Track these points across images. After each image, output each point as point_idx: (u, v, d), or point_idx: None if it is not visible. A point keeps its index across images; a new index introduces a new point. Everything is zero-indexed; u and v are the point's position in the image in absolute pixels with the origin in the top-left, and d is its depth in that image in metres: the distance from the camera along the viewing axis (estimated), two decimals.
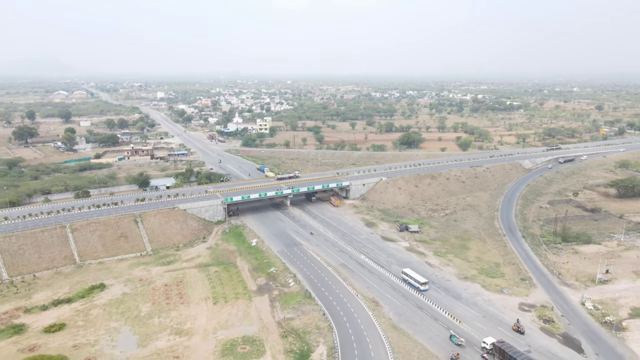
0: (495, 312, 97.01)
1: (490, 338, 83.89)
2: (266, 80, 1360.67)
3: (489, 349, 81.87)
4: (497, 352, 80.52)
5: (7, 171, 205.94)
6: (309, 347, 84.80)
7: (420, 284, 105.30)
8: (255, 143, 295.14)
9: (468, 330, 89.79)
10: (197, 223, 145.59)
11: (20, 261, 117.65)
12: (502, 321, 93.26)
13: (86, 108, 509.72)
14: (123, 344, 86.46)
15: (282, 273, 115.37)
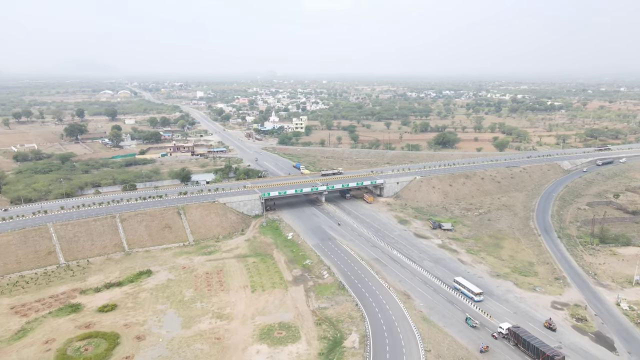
0: (527, 309, 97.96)
1: (506, 323, 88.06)
2: (302, 80, 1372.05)
3: (504, 334, 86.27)
4: (512, 336, 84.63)
5: (60, 165, 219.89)
6: (342, 334, 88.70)
7: (475, 294, 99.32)
8: (291, 141, 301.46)
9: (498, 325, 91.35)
10: (236, 216, 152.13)
11: (75, 247, 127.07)
12: (533, 318, 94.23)
13: (130, 107, 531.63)
14: (169, 324, 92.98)
15: (316, 265, 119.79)
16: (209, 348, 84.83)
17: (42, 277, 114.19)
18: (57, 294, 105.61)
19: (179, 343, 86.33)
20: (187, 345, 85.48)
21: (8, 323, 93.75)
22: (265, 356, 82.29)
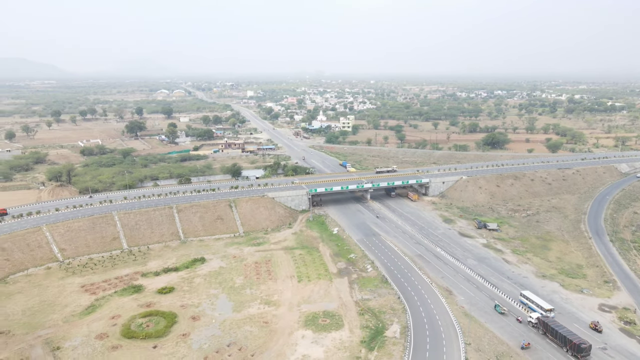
0: (572, 309, 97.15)
1: (536, 313, 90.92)
2: (350, 80, 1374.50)
3: (534, 323, 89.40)
4: (541, 325, 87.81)
5: (122, 159, 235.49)
6: (384, 325, 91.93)
7: (545, 310, 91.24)
8: (338, 140, 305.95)
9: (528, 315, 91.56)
10: (283, 210, 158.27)
11: (137, 234, 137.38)
12: (578, 319, 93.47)
13: (185, 105, 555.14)
14: (221, 307, 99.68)
15: (360, 259, 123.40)
16: (258, 330, 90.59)
17: (108, 260, 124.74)
18: (121, 276, 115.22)
19: (230, 324, 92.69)
20: (237, 327, 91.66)
21: (79, 299, 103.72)
22: (310, 341, 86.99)
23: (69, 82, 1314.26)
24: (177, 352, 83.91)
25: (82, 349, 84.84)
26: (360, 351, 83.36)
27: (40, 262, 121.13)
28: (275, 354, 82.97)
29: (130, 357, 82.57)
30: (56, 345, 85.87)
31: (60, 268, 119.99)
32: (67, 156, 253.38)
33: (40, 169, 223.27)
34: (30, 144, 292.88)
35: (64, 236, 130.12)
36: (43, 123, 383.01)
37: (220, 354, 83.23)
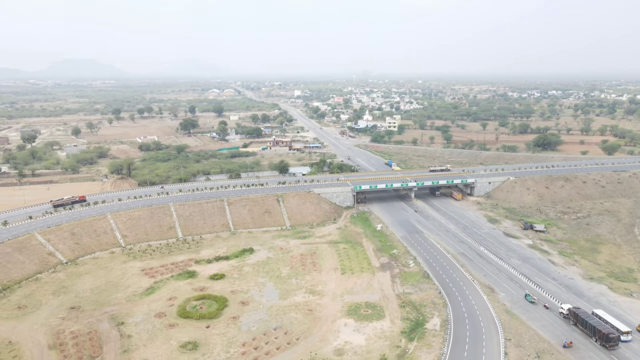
0: (620, 312, 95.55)
1: (567, 305, 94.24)
2: (397, 80, 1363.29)
3: (565, 314, 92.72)
4: (572, 316, 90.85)
5: (176, 155, 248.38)
6: (424, 317, 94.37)
7: (622, 333, 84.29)
8: (383, 139, 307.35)
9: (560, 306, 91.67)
10: (329, 206, 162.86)
11: (190, 224, 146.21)
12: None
13: (234, 104, 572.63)
14: (268, 295, 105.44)
15: (403, 255, 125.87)
16: (303, 317, 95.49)
17: (165, 247, 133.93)
18: (177, 262, 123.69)
19: (276, 310, 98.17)
20: (283, 313, 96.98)
21: (140, 282, 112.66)
22: (352, 329, 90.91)
23: (127, 82, 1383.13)
24: (227, 332, 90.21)
25: (143, 325, 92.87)
26: (401, 341, 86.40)
27: (105, 247, 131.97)
28: (318, 339, 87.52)
29: (186, 334, 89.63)
30: (120, 321, 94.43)
31: (122, 253, 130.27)
32: (126, 151, 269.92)
33: (103, 162, 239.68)
34: (93, 139, 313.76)
35: (126, 224, 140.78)
36: (105, 120, 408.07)
37: (267, 336, 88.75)
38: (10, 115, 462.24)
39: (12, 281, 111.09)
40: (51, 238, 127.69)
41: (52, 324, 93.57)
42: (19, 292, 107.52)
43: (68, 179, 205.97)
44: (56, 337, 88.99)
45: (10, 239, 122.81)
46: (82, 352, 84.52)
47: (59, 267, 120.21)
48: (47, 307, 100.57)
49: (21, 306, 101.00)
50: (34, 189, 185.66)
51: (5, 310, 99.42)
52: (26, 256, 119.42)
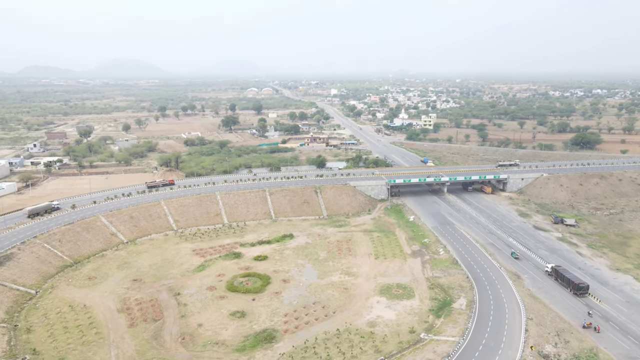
0: None
1: (551, 264, 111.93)
2: (434, 79, 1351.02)
3: (549, 272, 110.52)
4: (554, 272, 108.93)
5: (219, 150, 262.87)
6: (452, 298, 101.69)
7: None
8: (418, 137, 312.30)
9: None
10: (364, 198, 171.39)
11: (235, 212, 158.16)
12: None
13: (273, 102, 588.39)
14: (307, 275, 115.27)
15: (434, 244, 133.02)
16: (339, 294, 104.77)
17: (213, 232, 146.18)
18: (223, 245, 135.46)
19: (315, 288, 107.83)
20: (321, 290, 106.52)
21: (192, 260, 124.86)
22: (384, 305, 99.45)
23: (169, 81, 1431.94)
24: (271, 304, 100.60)
25: (196, 296, 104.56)
26: (428, 317, 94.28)
27: (159, 230, 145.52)
28: (353, 313, 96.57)
29: (235, 305, 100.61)
30: (177, 292, 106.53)
31: (175, 235, 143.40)
32: (173, 146, 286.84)
33: (152, 156, 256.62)
34: (142, 135, 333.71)
35: (177, 210, 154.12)
36: (151, 117, 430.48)
37: (306, 309, 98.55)
38: (65, 112, 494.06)
39: (82, 256, 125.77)
40: (113, 220, 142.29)
41: (119, 292, 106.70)
42: (88, 265, 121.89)
43: (122, 170, 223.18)
44: (123, 303, 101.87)
45: (79, 220, 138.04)
46: (146, 315, 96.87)
47: (121, 246, 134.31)
48: (113, 279, 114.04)
49: (91, 277, 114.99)
50: (93, 178, 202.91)
51: (78, 280, 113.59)
52: (93, 235, 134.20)
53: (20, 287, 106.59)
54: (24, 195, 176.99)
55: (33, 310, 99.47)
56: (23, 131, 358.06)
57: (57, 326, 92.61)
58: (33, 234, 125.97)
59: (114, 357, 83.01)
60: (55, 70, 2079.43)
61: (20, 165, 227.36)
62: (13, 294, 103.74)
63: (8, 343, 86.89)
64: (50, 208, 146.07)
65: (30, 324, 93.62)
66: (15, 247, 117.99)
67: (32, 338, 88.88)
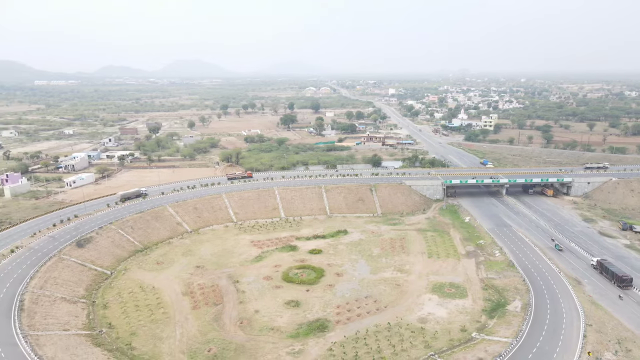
0: None
1: (596, 258, 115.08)
2: (497, 78, 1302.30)
3: (594, 265, 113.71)
4: (599, 266, 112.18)
5: (277, 147, 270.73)
6: (506, 300, 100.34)
7: None
8: (478, 138, 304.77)
9: None
10: (419, 198, 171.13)
11: (291, 207, 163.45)
12: None
13: (330, 101, 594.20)
14: (360, 270, 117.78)
15: (489, 245, 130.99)
16: (390, 290, 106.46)
17: (270, 225, 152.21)
18: (280, 237, 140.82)
19: (367, 283, 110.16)
20: (373, 285, 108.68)
21: (250, 251, 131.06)
22: (435, 303, 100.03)
23: (231, 80, 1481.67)
24: (324, 296, 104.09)
25: (254, 285, 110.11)
26: (481, 317, 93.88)
27: (220, 221, 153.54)
28: (404, 309, 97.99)
29: (290, 294, 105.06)
30: (236, 279, 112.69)
31: (235, 227, 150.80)
32: (233, 142, 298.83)
33: (215, 151, 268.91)
34: (205, 131, 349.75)
35: (237, 203, 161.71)
36: (214, 115, 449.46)
37: (358, 302, 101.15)
38: (136, 109, 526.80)
39: (151, 242, 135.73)
40: (179, 211, 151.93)
41: (184, 277, 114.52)
42: (157, 251, 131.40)
43: (187, 164, 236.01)
44: (187, 287, 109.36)
45: (149, 209, 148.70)
46: (207, 299, 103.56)
47: (185, 235, 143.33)
48: (178, 265, 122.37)
49: (159, 262, 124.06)
50: (161, 171, 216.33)
51: (147, 264, 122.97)
52: (161, 224, 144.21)
53: (98, 267, 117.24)
54: (100, 185, 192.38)
55: (108, 289, 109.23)
56: (99, 127, 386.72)
57: (129, 304, 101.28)
58: (109, 220, 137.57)
59: (179, 335, 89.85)
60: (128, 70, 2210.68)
61: (97, 158, 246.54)
62: (92, 273, 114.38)
63: (87, 317, 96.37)
64: (140, 193, 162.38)
65: (106, 301, 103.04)
66: (94, 232, 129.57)
67: (107, 314, 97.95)
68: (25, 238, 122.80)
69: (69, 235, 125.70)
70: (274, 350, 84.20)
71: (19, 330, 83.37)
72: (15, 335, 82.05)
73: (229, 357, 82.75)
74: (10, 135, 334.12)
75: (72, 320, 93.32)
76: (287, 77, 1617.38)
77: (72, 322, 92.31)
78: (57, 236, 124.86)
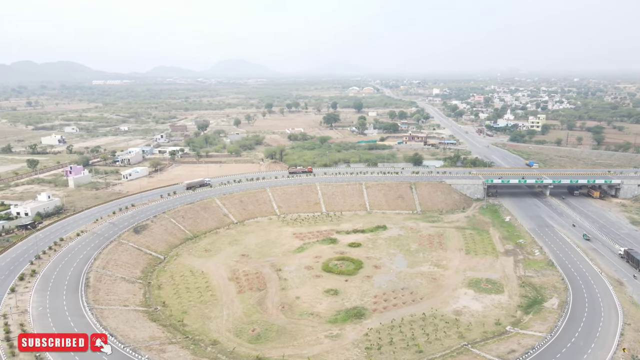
0: None
1: (624, 247, 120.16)
2: (548, 78, 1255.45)
3: (622, 255, 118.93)
4: (626, 255, 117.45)
5: (320, 145, 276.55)
6: (543, 297, 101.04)
7: None
8: (523, 139, 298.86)
9: None
10: (459, 196, 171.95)
11: (332, 202, 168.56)
12: None
13: (373, 101, 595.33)
14: (397, 263, 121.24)
15: (529, 244, 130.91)
16: (427, 283, 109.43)
17: (311, 219, 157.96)
18: (321, 230, 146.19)
19: (404, 276, 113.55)
20: (410, 278, 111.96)
21: (292, 242, 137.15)
22: (471, 297, 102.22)
23: (275, 80, 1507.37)
24: (362, 286, 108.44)
25: (295, 273, 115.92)
26: (516, 312, 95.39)
27: (264, 214, 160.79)
28: (440, 301, 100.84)
29: (329, 283, 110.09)
30: (278, 268, 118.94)
31: (278, 219, 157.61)
32: (277, 140, 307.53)
33: (259, 148, 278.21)
34: (250, 129, 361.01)
35: (281, 197, 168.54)
36: (259, 113, 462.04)
37: (395, 293, 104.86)
38: (186, 108, 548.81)
39: (199, 231, 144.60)
40: (226, 203, 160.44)
41: (230, 264, 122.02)
42: (205, 239, 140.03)
43: (233, 160, 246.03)
44: (233, 273, 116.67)
45: (198, 201, 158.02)
46: (252, 284, 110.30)
47: (231, 226, 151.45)
48: (225, 253, 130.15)
49: (207, 249, 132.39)
50: (208, 167, 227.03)
51: (196, 251, 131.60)
52: (209, 214, 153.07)
53: (153, 252, 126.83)
54: (153, 178, 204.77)
55: (162, 272, 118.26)
56: (152, 124, 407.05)
57: (181, 286, 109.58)
58: (163, 210, 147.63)
59: (226, 315, 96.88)
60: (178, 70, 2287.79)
61: (150, 153, 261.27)
62: (147, 257, 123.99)
63: (144, 295, 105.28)
64: (204, 183, 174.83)
65: (160, 283, 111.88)
66: (149, 220, 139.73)
67: (161, 294, 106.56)
68: (89, 223, 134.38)
69: (127, 222, 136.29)
70: (313, 333, 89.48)
71: (85, 303, 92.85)
72: (83, 307, 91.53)
73: (271, 337, 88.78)
74: (72, 131, 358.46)
75: (131, 297, 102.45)
76: (330, 77, 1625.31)
77: (130, 299, 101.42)
78: (116, 222, 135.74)
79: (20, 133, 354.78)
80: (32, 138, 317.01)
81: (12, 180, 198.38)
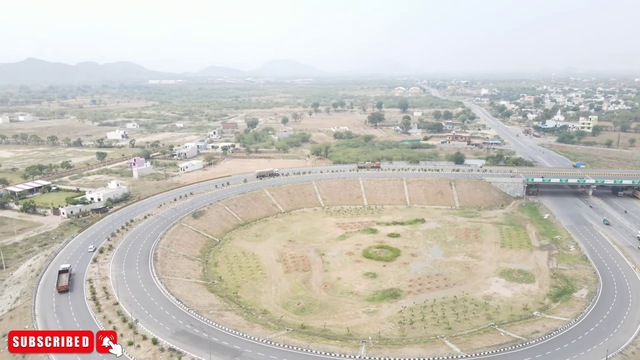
0: None
1: None
2: (607, 78, 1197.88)
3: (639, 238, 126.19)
4: None
5: (364, 143, 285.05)
6: (573, 288, 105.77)
7: None
8: (572, 140, 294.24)
9: None
10: (498, 194, 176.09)
11: (374, 196, 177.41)
12: None
13: (419, 101, 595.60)
14: (434, 253, 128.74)
15: (565, 240, 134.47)
16: (460, 271, 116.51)
17: (354, 211, 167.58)
18: (362, 222, 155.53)
19: (439, 264, 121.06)
20: (444, 266, 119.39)
21: (335, 231, 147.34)
22: (502, 285, 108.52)
23: (322, 79, 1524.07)
24: (399, 271, 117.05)
25: (337, 258, 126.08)
26: (545, 300, 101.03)
27: (310, 205, 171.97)
28: (471, 287, 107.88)
29: (368, 268, 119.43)
30: (322, 253, 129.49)
31: (322, 210, 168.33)
32: (323, 138, 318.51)
33: (305, 145, 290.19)
34: (297, 127, 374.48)
35: (325, 190, 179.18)
36: (306, 112, 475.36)
37: (429, 278, 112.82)
38: (236, 106, 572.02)
39: (250, 219, 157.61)
40: (274, 194, 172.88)
41: (277, 248, 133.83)
42: (255, 226, 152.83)
43: (280, 156, 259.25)
44: (280, 256, 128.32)
45: (249, 191, 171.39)
46: (298, 266, 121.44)
47: (279, 215, 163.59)
48: (273, 238, 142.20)
49: (257, 235, 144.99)
50: (258, 162, 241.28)
51: (248, 236, 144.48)
52: (259, 204, 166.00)
53: (209, 235, 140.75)
54: (207, 171, 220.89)
55: (217, 252, 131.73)
56: (205, 121, 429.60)
57: (234, 265, 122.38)
58: (217, 199, 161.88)
59: (274, 291, 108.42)
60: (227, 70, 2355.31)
61: (204, 148, 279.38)
62: (205, 239, 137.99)
63: (202, 271, 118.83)
64: (273, 173, 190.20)
65: (216, 261, 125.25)
66: (206, 207, 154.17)
67: (217, 270, 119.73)
68: (154, 208, 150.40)
69: (187, 208, 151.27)
70: (352, 309, 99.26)
71: (155, 274, 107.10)
72: (153, 277, 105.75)
73: (314, 310, 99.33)
74: (133, 127, 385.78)
75: (192, 272, 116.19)
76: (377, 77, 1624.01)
77: (191, 273, 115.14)
78: (177, 208, 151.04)
79: (87, 129, 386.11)
80: (99, 133, 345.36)
81: (84, 170, 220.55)
